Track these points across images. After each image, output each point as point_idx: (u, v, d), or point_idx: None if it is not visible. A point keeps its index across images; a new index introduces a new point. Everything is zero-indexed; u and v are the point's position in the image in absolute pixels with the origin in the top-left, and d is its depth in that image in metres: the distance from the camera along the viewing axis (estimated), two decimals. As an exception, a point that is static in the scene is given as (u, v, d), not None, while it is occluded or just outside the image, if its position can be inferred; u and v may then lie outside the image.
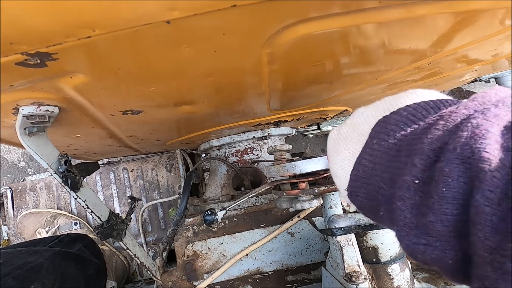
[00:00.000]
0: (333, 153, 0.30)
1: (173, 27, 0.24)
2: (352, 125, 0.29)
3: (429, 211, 0.19)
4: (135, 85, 0.35)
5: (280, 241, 0.83)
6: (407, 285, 0.67)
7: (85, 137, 0.60)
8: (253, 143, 0.99)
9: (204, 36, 0.26)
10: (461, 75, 0.91)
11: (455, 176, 0.18)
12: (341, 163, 0.28)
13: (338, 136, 0.30)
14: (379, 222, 0.27)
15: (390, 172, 0.23)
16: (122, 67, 0.29)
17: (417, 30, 0.39)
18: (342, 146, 0.29)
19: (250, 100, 0.56)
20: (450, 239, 0.18)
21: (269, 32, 0.29)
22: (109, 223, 0.60)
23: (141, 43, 0.25)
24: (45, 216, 1.09)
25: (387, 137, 0.24)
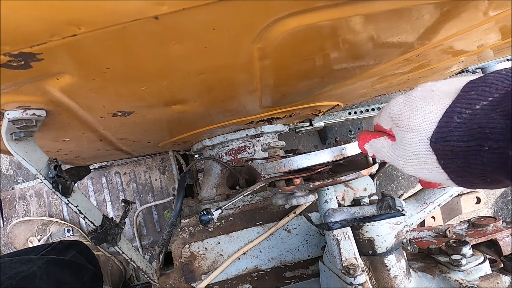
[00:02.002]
0: (407, 111, 0.31)
1: (161, 23, 0.23)
2: (429, 89, 0.31)
3: None
4: (124, 85, 0.34)
5: (277, 238, 0.83)
6: (403, 275, 0.68)
7: (75, 141, 0.58)
8: (246, 141, 0.99)
9: (193, 32, 0.26)
10: (449, 67, 0.93)
11: None
12: (423, 116, 0.29)
13: (410, 98, 0.32)
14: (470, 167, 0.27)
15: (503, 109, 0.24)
16: (110, 67, 0.29)
17: (405, 22, 0.40)
18: (421, 104, 0.30)
19: (242, 98, 0.56)
20: None
21: (260, 26, 0.29)
22: (103, 228, 0.59)
23: (129, 40, 0.25)
24: (36, 224, 1.07)
25: (489, 89, 0.26)
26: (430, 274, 0.71)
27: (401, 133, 0.32)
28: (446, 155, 0.28)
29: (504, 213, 1.91)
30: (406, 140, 0.31)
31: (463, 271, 0.66)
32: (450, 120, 0.28)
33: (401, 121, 0.32)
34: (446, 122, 0.28)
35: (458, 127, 0.27)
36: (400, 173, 1.87)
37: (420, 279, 0.71)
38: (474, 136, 0.26)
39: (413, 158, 0.31)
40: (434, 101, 0.30)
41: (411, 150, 0.31)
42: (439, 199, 0.77)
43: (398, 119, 0.32)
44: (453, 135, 0.27)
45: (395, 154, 0.33)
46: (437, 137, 0.28)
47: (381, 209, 0.60)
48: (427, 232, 1.12)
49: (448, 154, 0.28)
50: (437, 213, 1.58)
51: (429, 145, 0.29)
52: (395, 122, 0.33)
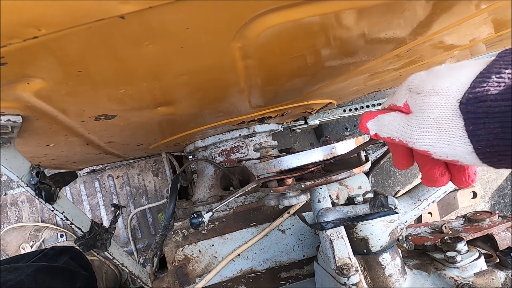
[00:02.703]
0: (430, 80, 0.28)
1: (129, 23, 0.22)
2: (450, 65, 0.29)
3: None
4: (101, 88, 0.33)
5: (272, 238, 0.82)
6: (398, 273, 0.67)
7: (60, 146, 0.57)
8: (239, 142, 0.98)
9: (165, 31, 0.25)
10: (441, 62, 0.92)
11: None
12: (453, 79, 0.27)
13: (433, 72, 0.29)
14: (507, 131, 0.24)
15: None
16: (82, 70, 0.27)
17: (392, 16, 0.39)
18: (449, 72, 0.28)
19: (229, 98, 0.54)
20: None
21: (237, 25, 0.28)
22: (91, 234, 0.57)
23: (97, 42, 0.23)
24: (28, 230, 1.05)
25: None
26: (426, 272, 0.70)
27: (422, 99, 0.28)
28: (478, 118, 0.25)
29: (501, 206, 1.91)
30: (428, 105, 0.27)
31: (458, 268, 0.66)
32: (487, 79, 0.25)
33: (423, 87, 0.28)
34: (481, 81, 0.25)
35: (496, 85, 0.24)
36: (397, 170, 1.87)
37: (415, 276, 0.70)
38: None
39: (433, 126, 0.27)
40: (464, 68, 0.27)
41: (432, 116, 0.27)
42: (433, 195, 0.76)
43: (420, 87, 0.28)
44: (490, 94, 0.24)
45: (409, 124, 0.29)
46: (469, 98, 0.25)
47: (374, 208, 0.59)
48: (424, 229, 1.11)
49: (481, 117, 0.24)
50: (434, 209, 1.58)
51: (458, 108, 0.26)
52: (416, 91, 0.29)
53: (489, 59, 0.27)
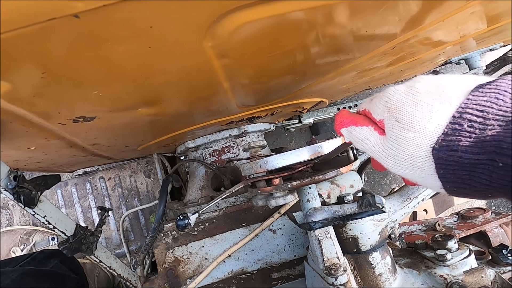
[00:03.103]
0: (410, 105, 0.28)
1: (85, 22, 0.21)
2: (433, 83, 0.28)
3: None
4: (71, 90, 0.32)
5: (262, 239, 0.82)
6: (388, 272, 0.67)
7: (42, 149, 0.56)
8: (230, 142, 0.97)
9: (127, 30, 0.24)
10: (432, 58, 0.92)
11: None
12: (430, 116, 0.26)
13: (414, 91, 0.28)
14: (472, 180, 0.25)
15: None
16: (46, 71, 0.27)
17: (373, 12, 0.38)
18: (427, 99, 0.27)
19: (213, 98, 0.54)
20: None
21: (204, 23, 0.27)
22: (75, 237, 0.57)
23: (54, 42, 0.23)
24: (19, 234, 1.04)
25: (502, 96, 0.24)
26: (416, 270, 0.70)
27: (399, 131, 0.28)
28: (449, 165, 0.25)
29: (497, 203, 1.91)
30: (404, 139, 0.27)
31: (448, 266, 0.65)
32: (459, 127, 0.25)
33: (402, 115, 0.28)
34: (454, 129, 0.25)
35: (468, 137, 0.24)
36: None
37: (406, 275, 0.70)
38: (487, 149, 0.23)
39: (407, 161, 0.28)
40: (441, 99, 0.26)
41: (407, 152, 0.27)
42: (423, 193, 0.76)
43: (399, 113, 0.28)
44: (461, 145, 0.24)
45: (384, 151, 0.29)
46: (441, 145, 0.25)
47: (362, 207, 0.59)
48: (417, 226, 1.11)
49: (452, 165, 0.25)
50: (429, 206, 1.57)
51: (431, 152, 0.26)
52: (394, 115, 0.28)
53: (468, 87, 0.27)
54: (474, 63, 0.95)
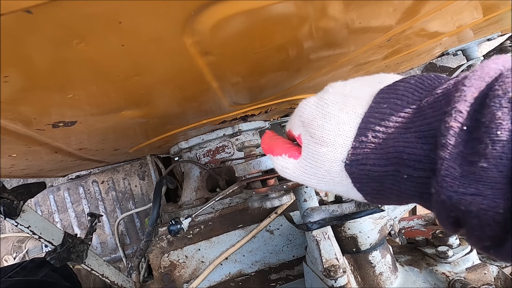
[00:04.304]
0: (320, 118, 0.27)
1: (42, 19, 0.19)
2: (340, 92, 0.27)
3: (480, 158, 0.18)
4: (42, 94, 0.30)
5: (260, 240, 0.80)
6: (389, 271, 0.65)
7: (25, 156, 0.54)
8: (224, 141, 0.95)
9: (93, 27, 0.22)
10: (429, 50, 0.89)
11: (509, 119, 0.18)
12: (338, 128, 0.26)
13: (323, 102, 0.28)
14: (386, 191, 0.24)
15: (417, 130, 0.22)
16: (8, 75, 0.24)
17: (366, 3, 0.36)
18: (335, 110, 0.27)
19: (201, 98, 0.51)
20: (503, 186, 0.18)
21: (180, 17, 0.25)
22: (64, 247, 0.55)
23: (9, 42, 0.20)
24: (11, 242, 1.02)
25: (400, 101, 0.24)
26: (417, 268, 0.68)
27: (314, 147, 0.27)
28: (362, 179, 0.25)
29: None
30: (319, 155, 0.27)
31: (450, 263, 0.64)
32: (365, 139, 0.24)
33: (314, 130, 0.27)
34: (361, 141, 0.25)
35: (373, 148, 0.24)
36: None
37: (407, 273, 0.68)
38: (391, 160, 0.23)
39: (327, 177, 0.27)
40: (347, 108, 0.26)
41: (324, 168, 0.27)
42: (422, 189, 0.74)
43: (311, 127, 0.28)
44: (369, 158, 0.24)
45: (304, 172, 0.29)
46: (352, 160, 0.25)
47: (360, 206, 0.57)
48: (417, 221, 1.10)
49: (364, 178, 0.25)
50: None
51: (343, 166, 0.26)
52: (308, 130, 0.28)
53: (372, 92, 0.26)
54: (472, 53, 0.92)
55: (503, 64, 0.20)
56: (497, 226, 0.19)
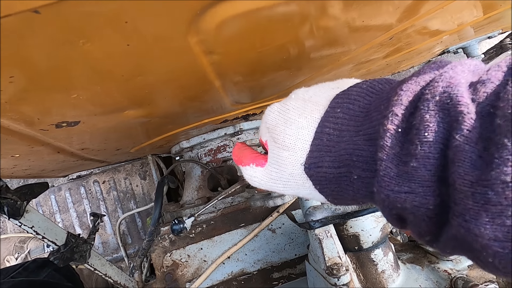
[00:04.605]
0: (282, 123, 0.28)
1: (49, 19, 0.19)
2: (302, 98, 0.29)
3: (411, 158, 0.19)
4: (47, 94, 0.30)
5: (262, 239, 0.80)
6: (391, 269, 0.65)
7: (28, 156, 0.54)
8: (225, 140, 0.95)
9: (99, 27, 0.22)
10: (429, 48, 0.89)
11: (435, 121, 0.19)
12: (297, 132, 0.27)
13: (285, 108, 0.29)
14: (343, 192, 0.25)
15: (365, 133, 0.23)
16: (14, 75, 0.24)
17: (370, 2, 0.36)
18: (295, 115, 0.28)
19: (204, 97, 0.51)
20: (431, 184, 0.19)
21: (186, 17, 0.25)
22: (67, 247, 0.55)
23: (15, 42, 0.20)
24: (13, 242, 1.02)
25: (352, 106, 0.25)
26: (419, 265, 0.69)
27: (277, 151, 0.28)
28: (320, 181, 0.26)
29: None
30: (282, 159, 0.28)
31: (452, 261, 0.64)
32: (321, 143, 0.26)
33: (277, 135, 0.28)
34: (317, 145, 0.26)
35: (328, 151, 0.25)
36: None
37: (409, 271, 0.68)
38: (344, 162, 0.24)
39: (291, 181, 0.28)
40: (305, 113, 0.27)
41: (287, 171, 0.28)
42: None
43: (274, 132, 0.29)
44: (324, 161, 0.25)
45: (271, 178, 0.29)
46: (310, 163, 0.26)
47: (363, 204, 0.57)
48: (418, 219, 1.10)
49: (322, 181, 0.26)
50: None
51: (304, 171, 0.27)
52: (272, 135, 0.29)
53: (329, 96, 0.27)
54: (472, 51, 0.93)
55: (438, 68, 0.21)
56: (430, 221, 0.20)
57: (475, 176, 0.17)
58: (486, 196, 0.16)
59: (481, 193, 0.16)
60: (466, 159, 0.17)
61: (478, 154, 0.17)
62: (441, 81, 0.20)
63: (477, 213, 0.17)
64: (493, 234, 0.16)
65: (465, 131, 0.18)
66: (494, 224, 0.16)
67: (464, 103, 0.18)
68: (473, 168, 0.17)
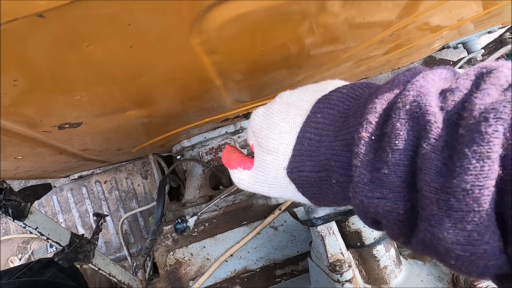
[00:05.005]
0: (266, 128, 0.29)
1: (53, 22, 0.19)
2: (285, 102, 0.29)
3: (383, 165, 0.20)
4: (50, 96, 0.30)
5: (264, 236, 0.81)
6: (393, 265, 0.66)
7: (30, 158, 0.54)
8: (226, 139, 0.95)
9: (103, 29, 0.22)
10: (429, 43, 0.89)
11: (405, 129, 0.19)
12: (280, 137, 0.28)
13: (269, 112, 0.29)
14: (324, 195, 0.26)
15: (343, 138, 0.23)
16: (18, 78, 0.24)
17: (369, 0, 0.36)
18: (278, 120, 0.28)
19: (205, 97, 0.51)
20: (402, 190, 0.20)
21: (188, 18, 0.25)
22: (71, 247, 0.55)
23: (20, 46, 0.20)
24: (16, 243, 1.02)
25: (332, 111, 0.25)
26: (421, 261, 0.69)
27: (262, 155, 0.29)
28: (302, 184, 0.27)
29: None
30: (266, 163, 0.29)
31: (454, 256, 0.65)
32: (302, 147, 0.26)
33: (261, 139, 0.29)
34: (299, 150, 0.26)
35: (309, 155, 0.26)
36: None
37: (411, 266, 0.69)
38: (323, 167, 0.25)
39: (275, 184, 0.29)
40: (288, 117, 0.28)
41: (271, 174, 0.28)
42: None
43: (259, 136, 0.29)
44: (305, 165, 0.26)
45: (256, 180, 0.30)
46: (292, 167, 0.27)
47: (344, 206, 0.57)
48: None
49: (304, 184, 0.26)
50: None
51: (286, 174, 0.27)
52: (257, 139, 0.30)
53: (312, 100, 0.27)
54: (472, 46, 0.92)
55: (412, 76, 0.22)
56: (401, 225, 0.21)
57: (440, 183, 0.17)
58: (448, 202, 0.17)
59: (445, 200, 0.17)
60: (432, 167, 0.18)
61: (443, 162, 0.18)
62: (412, 90, 0.20)
63: (441, 218, 0.17)
64: (455, 238, 0.17)
65: (432, 140, 0.18)
66: (456, 229, 0.17)
67: (432, 112, 0.19)
68: (438, 175, 0.18)
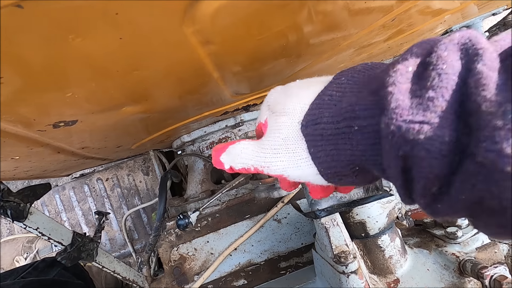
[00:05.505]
0: (283, 98, 0.30)
1: (33, 13, 0.18)
2: (305, 81, 0.30)
3: (427, 90, 0.19)
4: (40, 94, 0.29)
5: (268, 229, 0.80)
6: (398, 254, 0.65)
7: (28, 158, 0.53)
8: (227, 132, 0.94)
9: (88, 20, 0.20)
10: (432, 28, 0.87)
11: (455, 56, 0.19)
12: (299, 100, 0.28)
13: (288, 87, 0.31)
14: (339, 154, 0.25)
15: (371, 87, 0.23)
16: (3, 75, 0.23)
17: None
18: (298, 90, 0.29)
19: (203, 90, 0.50)
20: (449, 115, 0.18)
21: (179, 6, 0.23)
22: (73, 246, 0.55)
23: (1, 39, 0.19)
24: (21, 242, 1.03)
25: (357, 75, 0.26)
26: (427, 249, 0.69)
27: (274, 118, 0.29)
28: (316, 140, 0.26)
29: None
30: (278, 124, 0.29)
31: (460, 243, 0.64)
32: (321, 101, 0.26)
33: (277, 106, 0.29)
34: (317, 103, 0.26)
35: (328, 107, 0.25)
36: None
37: (416, 255, 0.68)
38: (344, 116, 0.24)
39: (282, 147, 0.28)
40: (309, 86, 0.28)
41: (281, 136, 0.28)
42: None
43: (275, 106, 0.30)
44: (323, 117, 0.25)
45: (262, 147, 0.29)
46: (307, 120, 0.27)
47: (368, 191, 0.56)
48: (423, 203, 1.09)
49: (319, 140, 0.26)
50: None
51: (300, 130, 0.27)
52: (272, 110, 0.30)
53: (330, 78, 0.28)
54: (476, 29, 0.90)
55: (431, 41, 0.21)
56: (442, 161, 0.19)
57: (503, 97, 0.16)
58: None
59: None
60: (491, 83, 0.17)
61: (503, 81, 0.17)
62: (458, 33, 0.20)
63: (509, 131, 0.16)
64: None
65: (487, 61, 0.18)
66: None
67: (485, 44, 0.18)
68: (499, 90, 0.17)
